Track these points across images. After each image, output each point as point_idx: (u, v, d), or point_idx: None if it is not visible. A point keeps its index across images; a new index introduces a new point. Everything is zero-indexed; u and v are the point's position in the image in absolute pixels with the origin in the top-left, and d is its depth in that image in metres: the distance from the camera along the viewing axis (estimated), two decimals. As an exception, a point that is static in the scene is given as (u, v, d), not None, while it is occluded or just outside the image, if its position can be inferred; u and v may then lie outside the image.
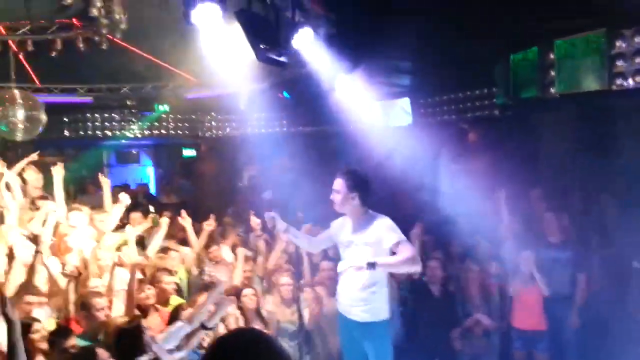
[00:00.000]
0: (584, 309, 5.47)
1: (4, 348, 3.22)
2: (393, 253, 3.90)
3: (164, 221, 6.08)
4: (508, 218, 5.98)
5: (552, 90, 6.91)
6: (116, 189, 10.63)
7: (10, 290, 4.31)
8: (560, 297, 5.48)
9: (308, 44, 5.13)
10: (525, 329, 5.48)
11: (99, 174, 7.18)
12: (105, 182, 6.67)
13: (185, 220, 6.16)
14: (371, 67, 7.97)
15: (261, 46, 4.47)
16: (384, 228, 3.91)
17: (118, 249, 5.46)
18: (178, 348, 3.56)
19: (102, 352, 3.49)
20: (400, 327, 5.25)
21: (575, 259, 5.58)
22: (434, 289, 5.55)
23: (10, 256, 4.67)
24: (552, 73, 6.85)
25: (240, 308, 4.95)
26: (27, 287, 4.39)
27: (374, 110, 9.92)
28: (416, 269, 4.16)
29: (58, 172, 6.27)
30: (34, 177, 6.73)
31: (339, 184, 4.01)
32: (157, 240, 5.85)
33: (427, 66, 8.76)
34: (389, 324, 4.11)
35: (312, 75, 6.49)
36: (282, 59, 4.79)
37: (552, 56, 6.83)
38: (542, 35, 6.77)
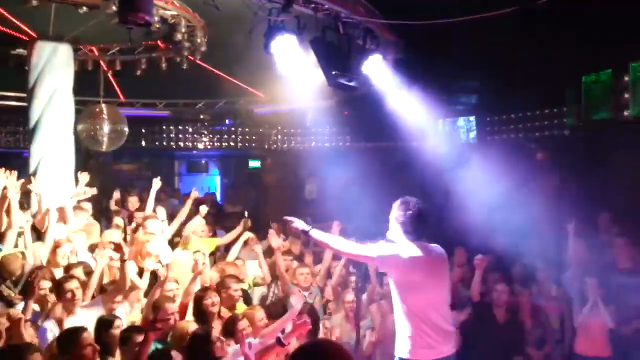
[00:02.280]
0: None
1: None
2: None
3: (247, 233, 6.42)
4: (574, 242, 5.90)
5: (626, 113, 6.79)
6: (184, 197, 11.26)
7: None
8: (629, 323, 5.36)
9: (377, 68, 5.31)
10: (589, 356, 5.39)
11: (190, 190, 7.45)
12: (156, 186, 6.88)
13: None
14: (437, 85, 8.07)
15: (333, 72, 4.69)
16: None
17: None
18: None
19: (176, 355, 3.71)
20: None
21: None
22: (498, 314, 5.53)
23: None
24: (626, 95, 6.73)
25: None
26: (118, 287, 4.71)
27: (439, 127, 9.98)
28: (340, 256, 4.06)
29: (156, 185, 6.78)
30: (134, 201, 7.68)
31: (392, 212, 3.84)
32: (236, 248, 6.21)
33: (494, 85, 8.76)
34: None
35: (377, 93, 6.67)
36: (352, 84, 5.00)
37: (626, 79, 6.71)
38: (616, 57, 6.68)
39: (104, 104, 8.09)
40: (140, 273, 5.18)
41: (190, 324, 4.28)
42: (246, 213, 6.90)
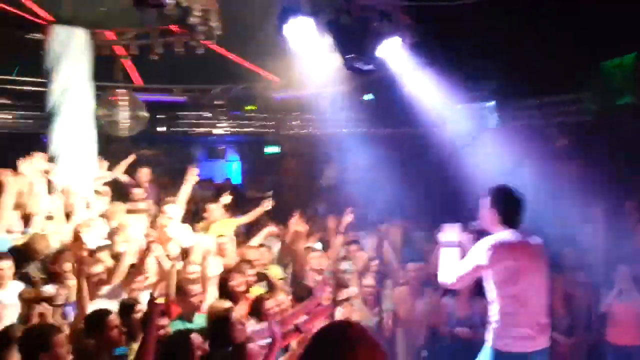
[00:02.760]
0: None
1: None
2: None
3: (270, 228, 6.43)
4: (600, 228, 5.78)
5: (650, 97, 6.58)
6: (203, 183, 11.29)
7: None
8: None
9: (393, 52, 5.22)
10: (621, 345, 5.29)
11: (191, 168, 7.36)
12: (193, 176, 6.62)
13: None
14: (457, 70, 7.92)
15: (349, 56, 4.62)
16: None
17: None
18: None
19: (196, 337, 3.69)
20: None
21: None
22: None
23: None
24: (651, 79, 6.52)
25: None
26: (139, 270, 4.72)
27: (460, 113, 9.82)
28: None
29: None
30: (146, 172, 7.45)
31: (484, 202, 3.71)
32: (262, 234, 6.27)
33: (515, 70, 8.57)
34: None
35: (395, 79, 6.57)
36: (368, 67, 4.92)
37: (650, 62, 6.50)
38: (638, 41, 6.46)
39: (122, 89, 8.11)
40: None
41: (225, 303, 4.23)
42: (269, 193, 6.89)
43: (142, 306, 4.15)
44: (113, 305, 4.19)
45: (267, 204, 6.58)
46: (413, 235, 7.12)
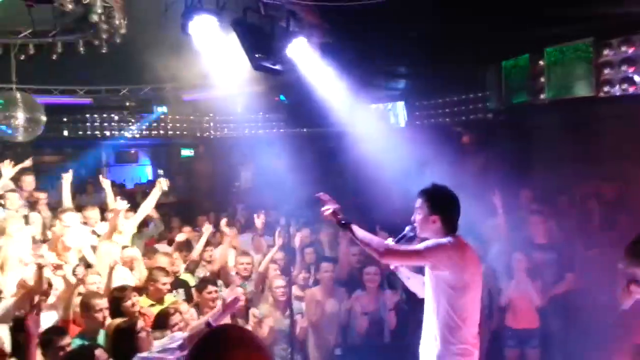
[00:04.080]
0: (569, 307, 5.60)
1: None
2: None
3: (207, 229, 6.30)
4: (500, 218, 6.11)
5: (542, 96, 7.08)
6: (113, 188, 10.83)
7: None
8: (545, 295, 5.62)
9: (302, 52, 5.27)
10: (519, 328, 5.62)
11: (99, 175, 7.32)
12: (106, 183, 6.87)
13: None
14: (367, 71, 8.13)
15: (256, 55, 4.61)
16: None
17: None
18: (181, 347, 3.60)
19: (101, 353, 3.55)
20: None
21: (560, 260, 5.73)
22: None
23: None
24: (542, 80, 7.02)
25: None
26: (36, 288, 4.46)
27: (370, 113, 10.07)
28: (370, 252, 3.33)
29: (67, 179, 6.55)
30: (29, 181, 6.97)
31: (419, 203, 3.35)
32: (200, 244, 6.20)
33: (421, 70, 8.92)
34: None
35: (308, 79, 6.63)
36: (277, 67, 4.93)
37: (542, 63, 6.99)
38: (533, 42, 6.93)
39: (18, 91, 7.60)
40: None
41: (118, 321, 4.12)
42: (161, 171, 6.73)
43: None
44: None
45: (163, 185, 6.36)
46: (323, 236, 7.22)
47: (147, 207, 6.42)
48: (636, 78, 6.14)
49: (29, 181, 7.19)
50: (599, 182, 6.59)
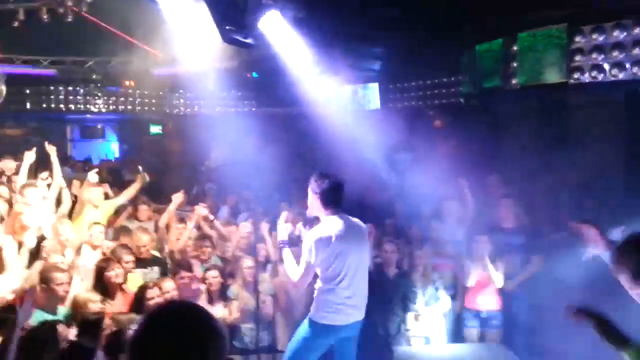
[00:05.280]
0: (535, 290, 5.68)
1: None
2: None
3: (177, 197, 6.16)
4: (468, 202, 6.15)
5: (514, 81, 7.09)
6: (78, 164, 10.53)
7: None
8: (511, 279, 5.69)
9: (275, 26, 5.14)
10: (480, 310, 5.68)
11: (46, 143, 6.80)
12: (51, 149, 6.37)
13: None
14: (341, 50, 8.02)
15: (227, 27, 4.47)
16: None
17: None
18: None
19: (63, 329, 3.48)
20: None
21: (526, 244, 5.79)
22: (389, 271, 5.66)
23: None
24: (515, 64, 7.02)
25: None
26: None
27: (343, 94, 10.00)
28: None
29: (29, 157, 6.18)
30: None
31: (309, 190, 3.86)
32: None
33: (396, 52, 8.87)
34: None
35: (281, 56, 6.50)
36: (248, 40, 4.80)
37: (515, 48, 6.99)
38: (508, 27, 6.92)
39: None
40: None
41: (90, 296, 4.03)
42: (140, 168, 6.58)
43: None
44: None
45: (144, 178, 6.25)
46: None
47: (127, 195, 6.47)
48: (605, 66, 6.20)
49: (9, 165, 6.81)
50: (567, 167, 6.67)
